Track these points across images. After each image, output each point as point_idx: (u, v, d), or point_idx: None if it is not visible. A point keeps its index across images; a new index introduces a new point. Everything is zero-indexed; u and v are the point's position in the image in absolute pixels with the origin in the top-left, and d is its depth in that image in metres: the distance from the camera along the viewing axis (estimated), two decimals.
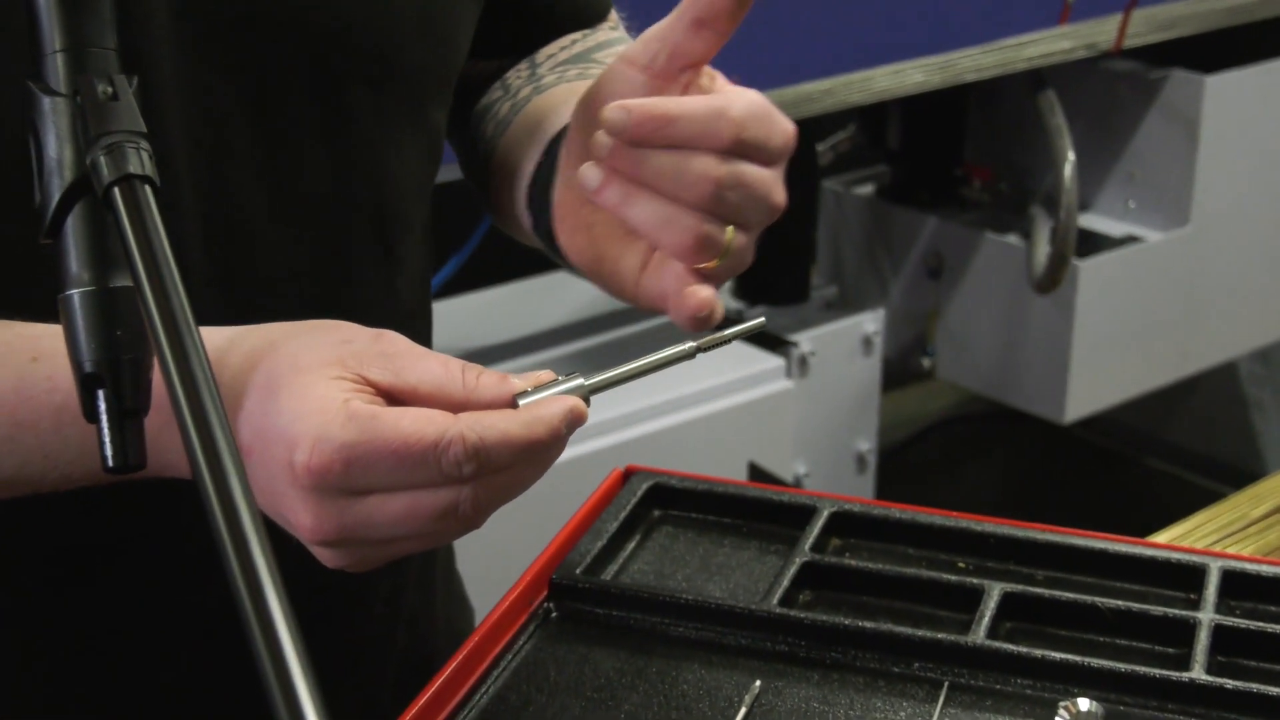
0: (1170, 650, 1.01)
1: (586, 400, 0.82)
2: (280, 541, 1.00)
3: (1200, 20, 2.91)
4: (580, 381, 0.83)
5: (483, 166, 1.12)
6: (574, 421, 0.79)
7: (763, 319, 0.92)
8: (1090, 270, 2.91)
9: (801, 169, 2.91)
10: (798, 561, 1.07)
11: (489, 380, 0.80)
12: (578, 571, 1.05)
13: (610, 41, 1.15)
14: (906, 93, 2.54)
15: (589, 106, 0.90)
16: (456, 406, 0.78)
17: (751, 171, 0.86)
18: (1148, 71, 3.00)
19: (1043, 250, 2.87)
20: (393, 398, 0.79)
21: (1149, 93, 3.00)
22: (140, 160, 0.66)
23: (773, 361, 2.58)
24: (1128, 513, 3.58)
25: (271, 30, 0.94)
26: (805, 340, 2.74)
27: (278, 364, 0.78)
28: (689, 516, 1.16)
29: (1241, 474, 3.56)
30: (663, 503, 1.16)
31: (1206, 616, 1.02)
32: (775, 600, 1.03)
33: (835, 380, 2.82)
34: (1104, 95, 3.05)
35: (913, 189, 3.16)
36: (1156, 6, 2.83)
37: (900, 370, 3.28)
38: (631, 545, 1.12)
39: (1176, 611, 1.03)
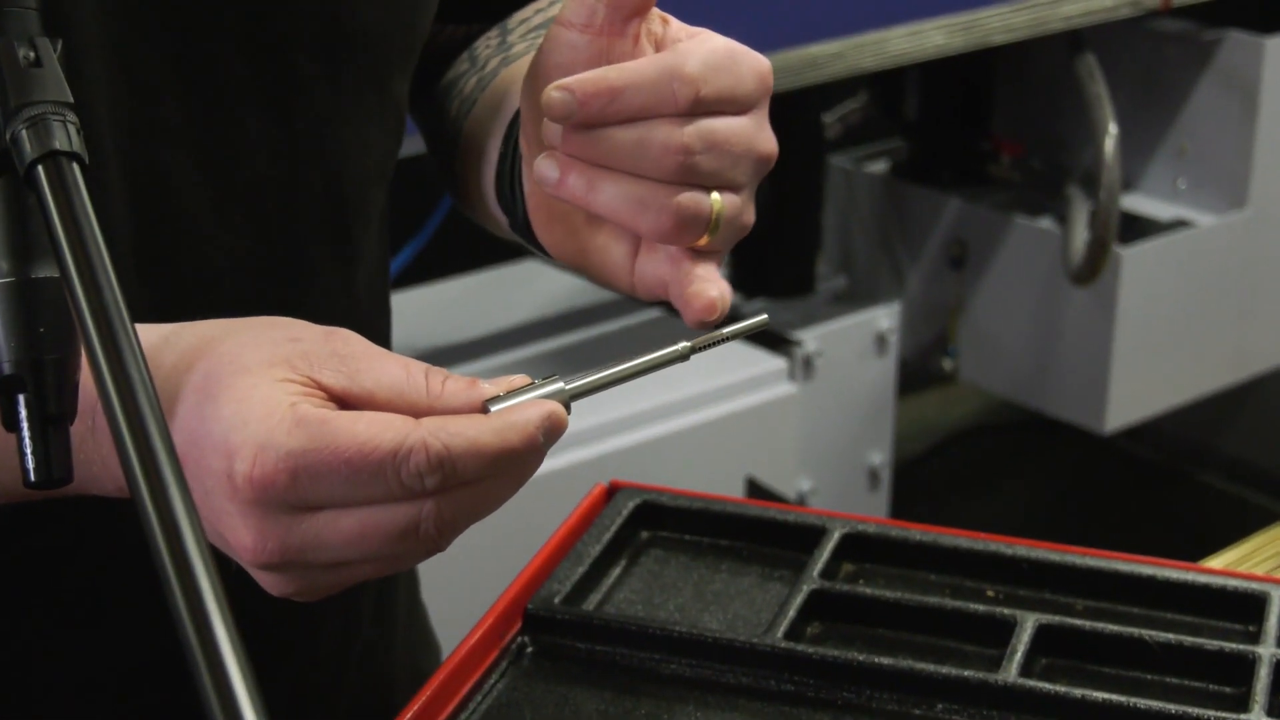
0: (1227, 689, 1.03)
1: (567, 406, 0.83)
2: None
3: None
4: (560, 385, 0.83)
5: (449, 150, 1.12)
6: (552, 430, 0.80)
7: (765, 316, 0.92)
8: (1134, 259, 2.93)
9: (806, 143, 2.94)
10: (805, 589, 1.08)
11: (456, 386, 0.80)
12: (556, 601, 1.06)
13: None
14: (926, 57, 2.56)
15: (534, 83, 0.91)
16: (419, 414, 0.78)
17: (723, 127, 0.87)
18: (1200, 32, 3.02)
19: (1080, 236, 2.89)
20: (346, 403, 0.79)
21: (1202, 56, 3.03)
22: (67, 135, 0.67)
23: (774, 363, 2.60)
24: (1176, 535, 3.60)
25: None
26: (811, 339, 2.76)
27: (217, 364, 0.78)
28: (681, 538, 1.17)
29: None
30: (651, 523, 1.17)
31: (1268, 651, 1.03)
32: (780, 633, 1.04)
33: (844, 384, 2.84)
34: (1151, 60, 3.07)
35: (932, 166, 3.18)
36: None
37: (918, 373, 3.30)
38: (616, 571, 1.13)
39: (1234, 646, 1.04)
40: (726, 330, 0.89)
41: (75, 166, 0.66)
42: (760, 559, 1.15)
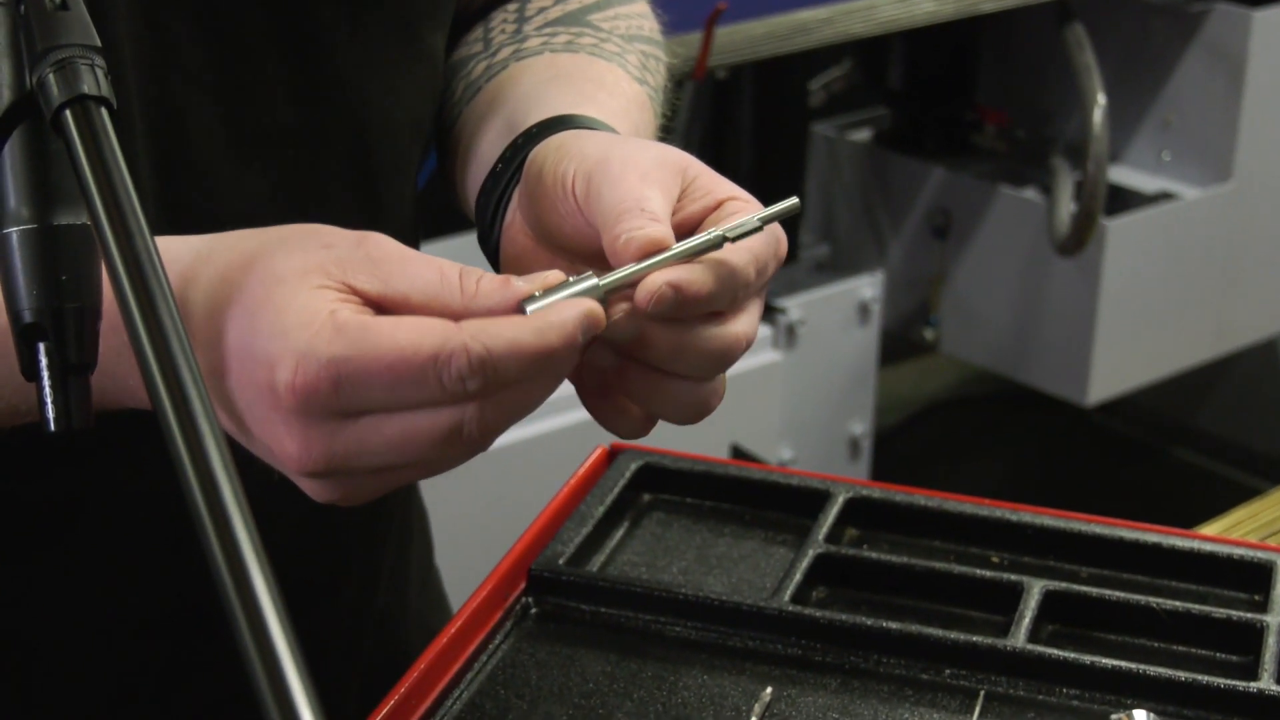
0: (1234, 658, 1.03)
1: (603, 302, 0.82)
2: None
3: None
4: (595, 281, 0.82)
5: (447, 129, 1.11)
6: (591, 327, 0.79)
7: (795, 200, 0.91)
8: (1120, 231, 2.94)
9: (790, 111, 2.94)
10: (811, 553, 1.08)
11: (490, 285, 0.79)
12: (560, 562, 1.06)
13: (608, 0, 1.15)
14: (916, 23, 2.56)
15: (595, 206, 0.89)
16: (455, 315, 0.77)
17: (748, 328, 0.87)
18: (1188, 4, 3.03)
19: (1066, 207, 2.90)
20: (382, 307, 0.78)
21: (1188, 28, 3.03)
22: (95, 79, 0.66)
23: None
24: (1152, 510, 3.60)
25: None
26: (794, 307, 2.76)
27: (253, 276, 0.78)
28: (683, 501, 1.17)
29: None
30: (653, 485, 1.17)
31: (1276, 620, 1.03)
32: (786, 597, 1.04)
33: (827, 353, 2.84)
34: (1137, 31, 3.08)
35: (916, 135, 3.19)
36: None
37: (899, 343, 3.30)
38: (619, 534, 1.13)
39: (1242, 614, 1.04)
40: (759, 215, 0.87)
41: (104, 111, 0.66)
42: (763, 523, 1.15)
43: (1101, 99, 2.83)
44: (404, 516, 1.22)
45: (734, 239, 0.86)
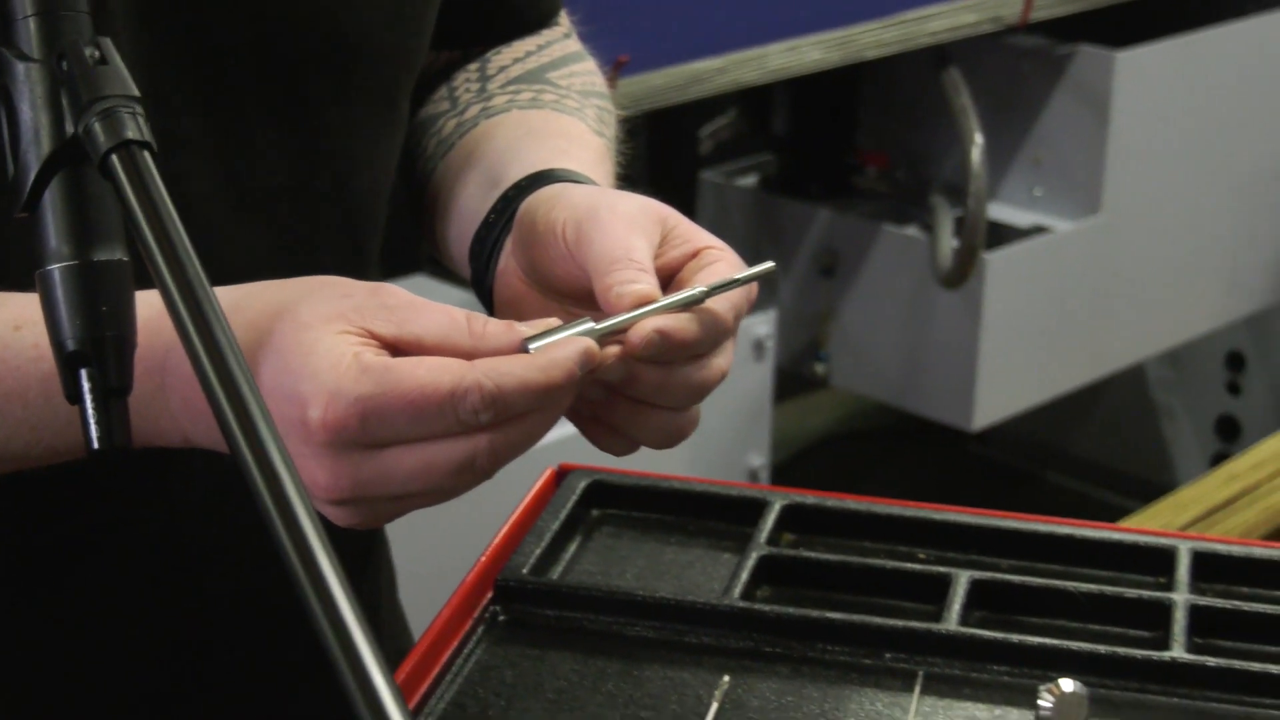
0: (1147, 634, 1.10)
1: (599, 344, 0.90)
2: (226, 566, 1.08)
3: None
4: (590, 325, 0.91)
5: (420, 185, 1.18)
6: (587, 362, 0.88)
7: (772, 264, 1.00)
8: (999, 263, 3.03)
9: (681, 159, 3.01)
10: (755, 555, 1.15)
11: (496, 328, 0.87)
12: (524, 572, 1.12)
13: (567, 58, 1.22)
14: (804, 70, 2.64)
15: (584, 251, 0.96)
16: (465, 356, 0.85)
17: (725, 363, 0.97)
18: (1054, 47, 3.13)
19: (947, 242, 2.99)
20: (398, 349, 0.86)
21: (1056, 70, 3.14)
22: (138, 125, 0.72)
23: None
24: None
25: (223, 14, 1.01)
26: None
27: (280, 324, 0.85)
28: (631, 515, 1.23)
29: (1151, 487, 3.69)
30: (602, 502, 1.23)
31: (1182, 597, 1.11)
32: (736, 594, 1.11)
33: (725, 388, 2.88)
34: (1008, 74, 3.18)
35: (801, 179, 3.27)
36: None
37: (792, 379, 3.38)
38: (573, 547, 1.19)
39: (1151, 593, 1.12)
40: (740, 275, 0.96)
41: (146, 154, 0.72)
42: (706, 532, 1.22)
43: (979, 139, 2.93)
44: (370, 548, 1.27)
45: (715, 293, 0.95)
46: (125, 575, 1.07)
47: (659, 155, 3.01)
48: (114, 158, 0.71)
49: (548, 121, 1.13)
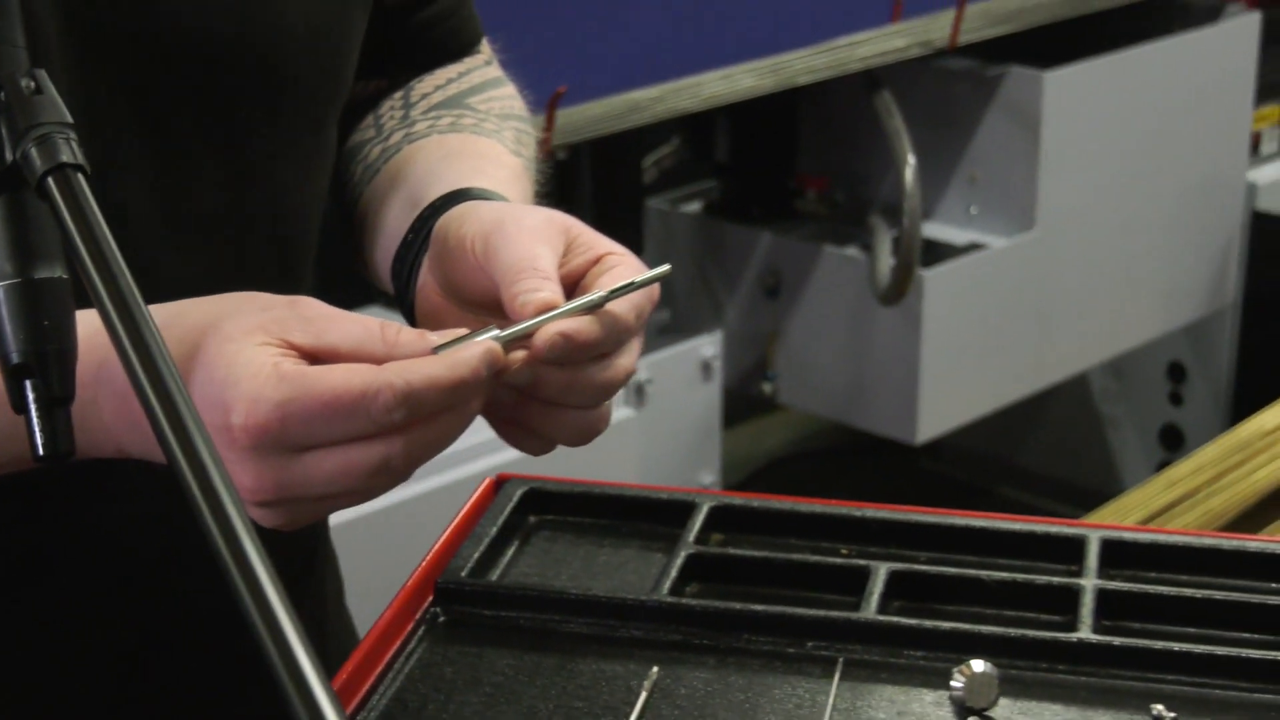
0: (1057, 618, 1.15)
1: (505, 349, 0.94)
2: (170, 572, 1.12)
3: (1037, 13, 3.11)
4: (495, 332, 0.95)
5: (349, 208, 1.23)
6: (492, 362, 0.92)
7: (668, 266, 1.04)
8: (936, 279, 3.08)
9: (626, 187, 3.05)
10: (683, 554, 1.19)
11: (409, 336, 0.92)
12: (462, 575, 1.16)
13: (486, 83, 1.27)
14: (738, 98, 2.69)
15: (495, 262, 1.00)
16: (378, 362, 0.89)
17: (629, 362, 1.01)
18: (984, 69, 3.19)
19: (885, 261, 3.04)
20: (315, 359, 0.90)
21: (986, 91, 3.19)
22: (71, 150, 0.76)
23: None
24: None
25: (159, 46, 1.05)
26: (641, 367, 2.87)
27: (207, 340, 0.89)
28: (566, 520, 1.27)
29: (1100, 497, 3.74)
30: (538, 508, 1.27)
31: (1090, 582, 1.15)
32: (665, 590, 1.14)
33: (674, 408, 2.95)
34: (940, 96, 3.24)
35: (744, 204, 3.32)
36: (991, 0, 3.02)
37: (740, 402, 3.42)
38: (511, 551, 1.23)
39: (1060, 579, 1.16)
40: (638, 279, 1.00)
41: (80, 176, 0.75)
42: (638, 534, 1.25)
43: (912, 159, 2.98)
44: (315, 558, 1.31)
45: (615, 296, 0.99)
46: (77, 584, 1.11)
47: (604, 184, 3.06)
48: (50, 180, 0.75)
49: (465, 144, 1.18)
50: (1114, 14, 3.33)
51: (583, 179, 3.00)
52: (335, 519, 1.40)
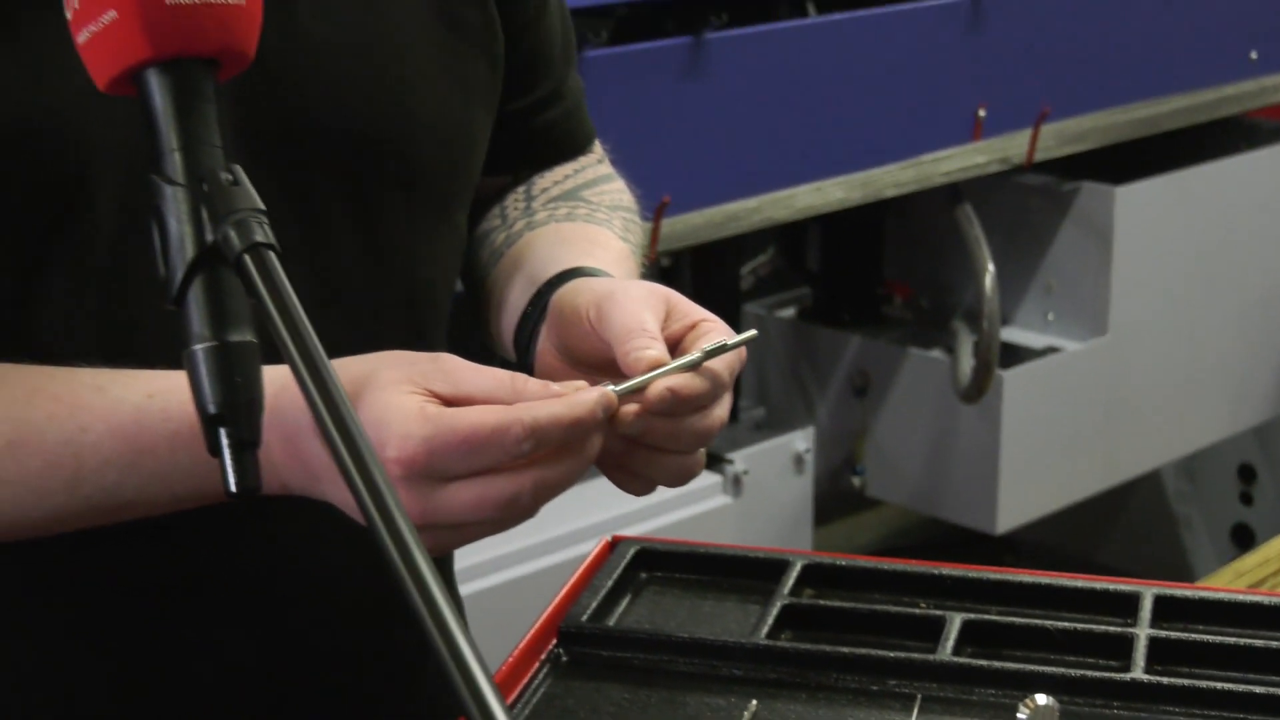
0: (1114, 663, 1.23)
1: (619, 402, 1.06)
2: (323, 600, 1.22)
3: (1108, 133, 3.19)
4: (610, 386, 1.07)
5: (478, 288, 1.35)
6: (607, 406, 1.04)
7: (755, 331, 1.16)
8: (1014, 379, 3.15)
9: (725, 293, 3.15)
10: (779, 604, 1.28)
11: (534, 385, 1.04)
12: (583, 619, 1.25)
13: (598, 179, 1.40)
14: (829, 209, 2.79)
15: (607, 326, 1.11)
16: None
17: (723, 414, 1.12)
18: (1059, 184, 3.27)
19: (967, 363, 3.12)
20: (454, 404, 1.02)
21: (1062, 205, 3.28)
22: (264, 231, 0.86)
23: (709, 478, 2.80)
24: None
25: (309, 140, 1.18)
26: (739, 459, 2.96)
27: (367, 388, 1.02)
28: (673, 576, 1.36)
29: None
30: (648, 566, 1.37)
31: (1143, 631, 1.23)
32: (763, 634, 1.23)
33: (768, 498, 3.04)
34: (1018, 209, 3.32)
35: (835, 309, 3.41)
36: (1066, 120, 3.11)
37: (831, 495, 3.49)
38: (624, 603, 1.32)
39: (1117, 629, 1.24)
40: (730, 341, 1.10)
41: (271, 253, 0.86)
42: (737, 589, 1.34)
43: (990, 266, 3.06)
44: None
45: (711, 356, 1.09)
46: (224, 611, 1.21)
47: (704, 290, 3.16)
48: (246, 257, 0.85)
49: (578, 230, 1.30)
50: (1184, 132, 3.41)
51: (684, 285, 3.10)
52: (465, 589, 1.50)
